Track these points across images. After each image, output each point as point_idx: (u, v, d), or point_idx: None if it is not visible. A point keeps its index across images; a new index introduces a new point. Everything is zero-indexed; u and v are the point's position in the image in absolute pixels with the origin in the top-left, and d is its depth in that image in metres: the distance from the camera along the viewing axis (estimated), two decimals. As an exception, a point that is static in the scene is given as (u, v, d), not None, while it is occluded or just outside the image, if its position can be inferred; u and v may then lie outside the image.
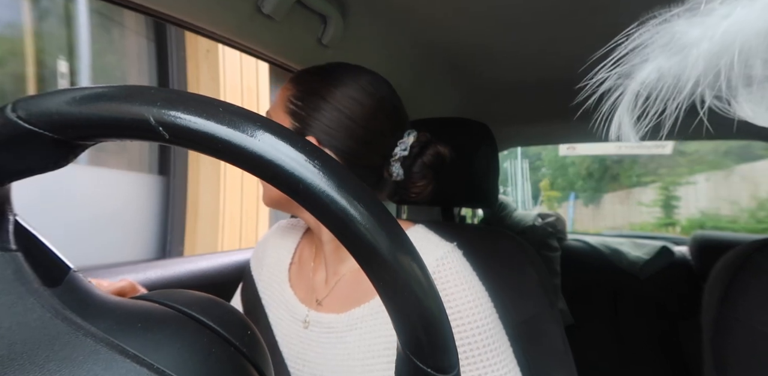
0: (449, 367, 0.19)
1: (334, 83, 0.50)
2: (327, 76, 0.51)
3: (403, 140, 0.52)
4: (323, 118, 0.49)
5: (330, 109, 0.49)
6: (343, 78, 0.50)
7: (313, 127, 0.49)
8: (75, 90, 0.18)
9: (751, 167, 6.54)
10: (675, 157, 7.56)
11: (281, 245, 0.62)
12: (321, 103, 0.49)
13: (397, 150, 0.52)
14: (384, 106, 0.51)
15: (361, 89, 0.50)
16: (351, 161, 0.50)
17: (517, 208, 1.67)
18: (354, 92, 0.49)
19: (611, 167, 8.52)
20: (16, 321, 0.18)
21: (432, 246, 0.50)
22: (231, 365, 0.21)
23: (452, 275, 0.47)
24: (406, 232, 0.55)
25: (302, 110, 0.49)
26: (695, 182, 7.28)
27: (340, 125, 0.49)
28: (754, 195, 6.54)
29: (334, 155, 0.49)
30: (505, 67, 0.93)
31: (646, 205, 7.70)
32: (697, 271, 1.34)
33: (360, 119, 0.49)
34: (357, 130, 0.49)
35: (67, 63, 1.21)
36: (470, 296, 0.46)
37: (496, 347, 0.46)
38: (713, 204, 7.03)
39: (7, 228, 0.21)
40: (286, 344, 0.54)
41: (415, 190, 0.55)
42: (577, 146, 4.87)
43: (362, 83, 0.50)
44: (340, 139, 0.49)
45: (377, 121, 0.50)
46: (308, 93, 0.50)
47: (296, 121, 0.50)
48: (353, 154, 0.50)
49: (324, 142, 0.49)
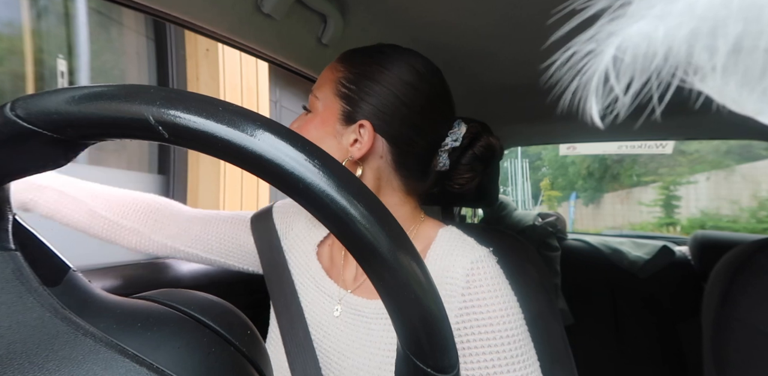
0: (449, 367, 0.19)
1: (388, 66, 0.48)
2: (380, 59, 0.49)
3: (454, 130, 0.51)
4: (377, 103, 0.47)
5: (384, 94, 0.47)
6: (397, 61, 0.49)
7: (366, 112, 0.48)
8: (74, 89, 0.18)
9: (752, 167, 6.54)
10: (675, 156, 7.56)
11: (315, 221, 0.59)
12: (375, 86, 0.47)
13: (448, 140, 0.51)
14: (437, 92, 0.50)
15: (415, 73, 0.48)
16: (402, 149, 0.49)
17: (517, 207, 1.67)
18: (409, 76, 0.48)
19: (612, 167, 8.52)
20: (15, 320, 0.18)
21: (468, 248, 0.48)
22: (230, 364, 0.21)
23: (486, 280, 0.46)
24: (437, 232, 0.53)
25: (355, 94, 0.48)
26: (696, 182, 7.28)
27: (394, 111, 0.47)
28: (755, 195, 6.54)
29: (386, 142, 0.48)
30: (505, 66, 0.93)
31: (647, 204, 7.70)
32: (698, 271, 1.34)
33: (414, 105, 0.48)
34: (411, 117, 0.48)
35: (66, 62, 1.21)
36: (503, 304, 0.45)
37: (524, 358, 0.44)
38: (714, 204, 7.03)
39: (7, 227, 0.21)
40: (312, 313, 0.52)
41: (460, 181, 0.53)
42: (578, 146, 4.87)
43: (417, 67, 0.49)
44: (394, 125, 0.48)
45: (431, 107, 0.49)
46: (361, 76, 0.48)
47: (348, 105, 0.48)
48: (405, 141, 0.49)
49: (377, 127, 0.48)
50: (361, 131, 0.48)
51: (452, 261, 0.47)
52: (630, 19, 0.14)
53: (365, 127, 0.47)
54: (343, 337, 0.49)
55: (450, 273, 0.46)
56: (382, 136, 0.48)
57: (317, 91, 0.51)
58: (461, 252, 0.48)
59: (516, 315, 0.45)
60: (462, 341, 0.44)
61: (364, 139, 0.47)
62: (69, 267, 0.22)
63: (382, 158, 0.49)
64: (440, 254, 0.49)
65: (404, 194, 0.52)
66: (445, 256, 0.48)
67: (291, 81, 2.44)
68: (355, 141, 0.48)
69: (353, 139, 0.48)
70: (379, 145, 0.48)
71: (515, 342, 0.44)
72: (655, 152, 6.29)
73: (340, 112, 0.49)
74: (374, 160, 0.49)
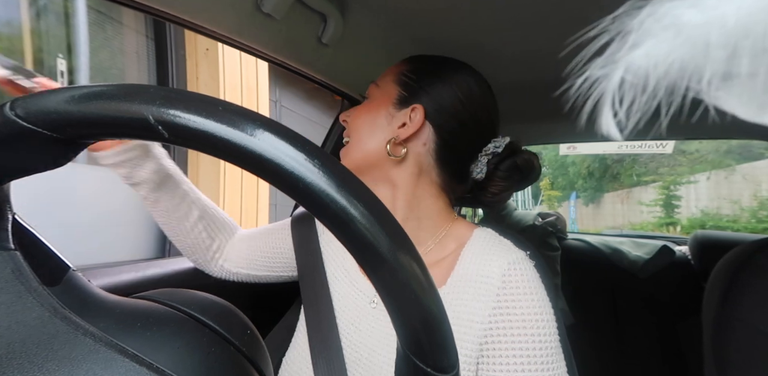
0: (449, 366, 0.19)
1: (451, 67, 0.53)
2: (444, 63, 0.53)
3: (498, 139, 0.54)
4: (434, 93, 0.51)
5: (444, 87, 0.51)
6: (464, 69, 0.53)
7: (422, 98, 0.50)
8: (74, 88, 0.18)
9: (752, 166, 6.53)
10: (676, 156, 7.56)
11: None
12: (436, 80, 0.51)
13: (490, 146, 0.53)
14: (491, 104, 0.54)
15: (477, 81, 0.53)
16: (447, 141, 0.51)
17: (517, 207, 1.67)
18: (472, 80, 0.52)
19: (612, 167, 8.51)
20: (14, 320, 0.18)
21: (505, 249, 0.49)
22: (230, 364, 0.21)
23: (523, 282, 0.46)
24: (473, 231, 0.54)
25: (414, 83, 0.51)
26: (696, 181, 7.27)
27: (450, 103, 0.50)
28: (755, 194, 6.54)
29: (433, 131, 0.51)
30: (505, 66, 0.93)
31: (647, 204, 7.69)
32: (698, 270, 1.34)
33: (468, 104, 0.51)
34: (462, 114, 0.51)
35: (66, 61, 1.21)
36: (538, 308, 0.45)
37: (552, 364, 0.44)
38: (714, 203, 7.03)
39: (6, 227, 0.21)
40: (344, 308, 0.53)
41: (494, 190, 0.55)
42: (578, 145, 4.86)
43: (480, 78, 0.54)
44: (444, 117, 0.50)
45: (482, 112, 0.52)
46: (424, 71, 0.52)
47: (405, 91, 0.51)
48: (453, 136, 0.51)
49: (430, 115, 0.50)
50: (412, 115, 0.50)
51: (489, 260, 0.48)
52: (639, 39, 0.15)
53: (417, 111, 0.50)
54: (375, 332, 0.50)
55: (486, 272, 0.47)
56: (430, 124, 0.50)
57: (379, 81, 0.55)
58: (499, 252, 0.48)
59: (549, 321, 0.45)
60: (493, 341, 0.44)
61: (413, 122, 0.50)
62: (69, 267, 0.22)
63: (425, 146, 0.51)
64: (476, 252, 0.50)
65: (440, 189, 0.53)
66: (481, 255, 0.49)
67: (291, 81, 2.44)
68: (404, 125, 0.50)
69: (402, 122, 0.51)
70: (426, 132, 0.51)
71: (545, 347, 0.44)
72: (655, 152, 6.29)
73: (396, 97, 0.52)
74: (418, 145, 0.51)
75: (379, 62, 0.82)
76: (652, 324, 1.38)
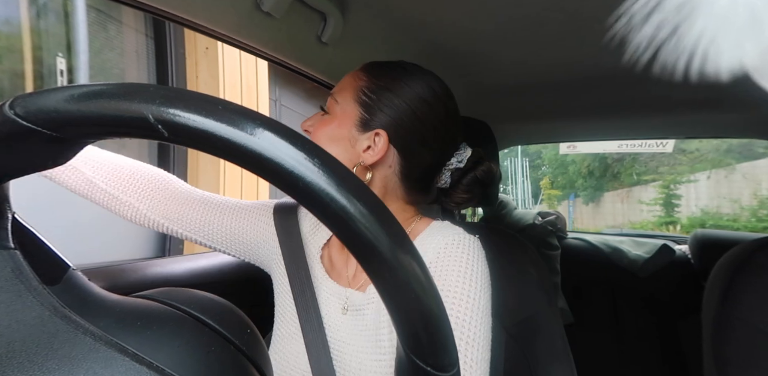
0: (449, 365, 0.19)
1: (408, 83, 0.52)
2: (402, 75, 0.52)
3: (460, 152, 0.55)
4: (394, 115, 0.51)
5: (402, 108, 0.51)
6: (418, 79, 0.52)
7: (383, 122, 0.51)
8: (73, 87, 0.18)
9: (753, 165, 6.53)
10: (676, 155, 7.55)
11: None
12: (395, 99, 0.51)
13: (453, 160, 0.55)
14: (449, 114, 0.54)
15: (433, 93, 0.52)
16: (411, 161, 0.52)
17: (517, 206, 1.67)
18: (426, 94, 0.52)
19: (612, 166, 8.51)
20: (14, 319, 0.18)
21: (449, 232, 0.50)
22: (230, 363, 0.21)
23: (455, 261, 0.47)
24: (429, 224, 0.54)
25: (375, 104, 0.51)
26: (696, 180, 7.27)
27: (409, 125, 0.51)
28: (755, 193, 6.54)
29: (397, 153, 0.52)
30: (505, 65, 0.92)
31: (647, 203, 7.69)
32: (698, 269, 1.34)
33: (428, 122, 0.51)
34: (423, 133, 0.51)
35: (66, 60, 1.21)
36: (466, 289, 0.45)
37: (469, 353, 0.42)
38: (714, 202, 7.03)
39: (6, 226, 0.21)
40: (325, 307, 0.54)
41: (457, 200, 0.57)
42: (578, 144, 4.86)
43: (434, 87, 0.53)
44: (407, 138, 0.51)
45: (442, 126, 0.53)
46: (383, 88, 0.52)
47: (366, 113, 0.52)
48: (415, 154, 0.52)
49: (392, 138, 0.51)
50: (376, 139, 0.51)
51: (429, 243, 0.50)
52: None
53: (380, 136, 0.50)
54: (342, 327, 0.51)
55: (422, 250, 0.48)
56: (394, 147, 0.51)
57: (337, 95, 0.54)
58: (440, 235, 0.50)
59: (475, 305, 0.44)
60: None
61: (378, 147, 0.50)
62: (68, 266, 0.22)
63: (391, 168, 0.52)
64: (422, 237, 0.52)
65: (405, 203, 0.55)
66: (425, 240, 0.51)
67: (291, 80, 2.44)
68: (368, 148, 0.51)
69: (366, 145, 0.51)
70: (390, 155, 0.52)
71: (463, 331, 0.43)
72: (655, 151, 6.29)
73: (357, 119, 0.52)
74: (383, 168, 0.52)
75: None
76: (652, 323, 1.38)
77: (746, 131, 1.31)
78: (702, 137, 1.52)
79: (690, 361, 1.31)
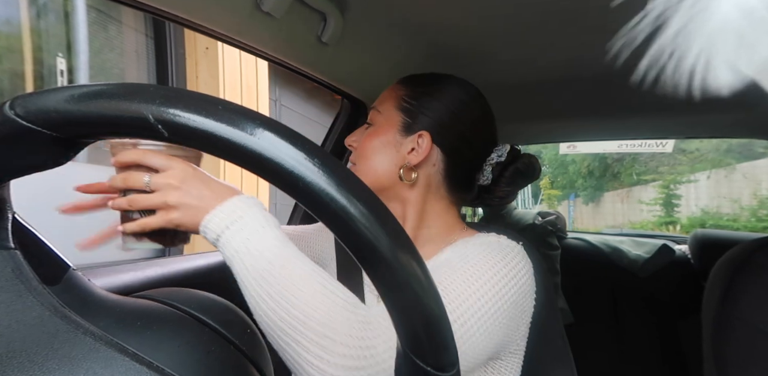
0: (449, 365, 0.19)
1: (445, 86, 0.56)
2: (438, 81, 0.57)
3: (499, 147, 0.58)
4: (435, 117, 0.54)
5: (442, 110, 0.54)
6: (452, 83, 0.57)
7: (425, 124, 0.54)
8: (73, 87, 0.18)
9: (752, 165, 6.52)
10: (676, 155, 7.55)
11: None
12: (434, 102, 0.55)
13: (493, 155, 0.57)
14: (485, 112, 0.57)
15: (467, 93, 0.56)
16: (454, 159, 0.55)
17: (517, 206, 1.67)
18: (463, 95, 0.56)
19: (612, 166, 8.50)
20: (15, 319, 0.18)
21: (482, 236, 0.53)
22: (230, 363, 0.21)
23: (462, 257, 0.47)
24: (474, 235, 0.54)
25: (415, 108, 0.55)
26: (696, 180, 7.26)
27: (450, 124, 0.54)
28: (755, 193, 6.53)
29: (440, 152, 0.54)
30: (505, 65, 0.92)
31: (647, 203, 7.68)
32: (698, 269, 1.34)
33: (466, 121, 0.55)
34: (463, 131, 0.55)
35: (66, 60, 1.21)
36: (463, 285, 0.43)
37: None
38: (714, 202, 7.01)
39: (6, 226, 0.21)
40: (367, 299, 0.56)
41: (500, 194, 0.59)
42: (578, 144, 4.85)
43: (468, 89, 0.57)
44: (449, 137, 0.54)
45: (480, 124, 0.56)
46: (422, 93, 0.56)
47: (408, 117, 0.55)
48: (458, 152, 0.55)
49: (435, 138, 0.54)
50: (420, 141, 0.54)
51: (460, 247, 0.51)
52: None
53: (424, 137, 0.53)
54: None
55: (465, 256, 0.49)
56: (437, 146, 0.54)
57: (379, 106, 0.58)
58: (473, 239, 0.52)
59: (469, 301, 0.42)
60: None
61: (422, 148, 0.53)
62: (69, 266, 0.22)
63: (435, 166, 0.55)
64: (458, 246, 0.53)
65: (449, 202, 0.57)
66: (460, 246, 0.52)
67: (291, 80, 2.44)
68: (413, 149, 0.54)
69: (411, 147, 0.54)
70: (434, 154, 0.54)
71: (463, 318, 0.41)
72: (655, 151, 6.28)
73: (400, 124, 0.55)
74: (428, 167, 0.55)
75: (379, 61, 0.82)
76: (652, 323, 1.38)
77: (746, 131, 1.31)
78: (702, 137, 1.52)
79: (690, 361, 1.31)
